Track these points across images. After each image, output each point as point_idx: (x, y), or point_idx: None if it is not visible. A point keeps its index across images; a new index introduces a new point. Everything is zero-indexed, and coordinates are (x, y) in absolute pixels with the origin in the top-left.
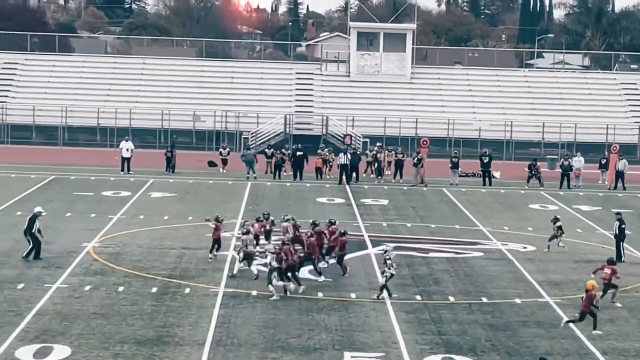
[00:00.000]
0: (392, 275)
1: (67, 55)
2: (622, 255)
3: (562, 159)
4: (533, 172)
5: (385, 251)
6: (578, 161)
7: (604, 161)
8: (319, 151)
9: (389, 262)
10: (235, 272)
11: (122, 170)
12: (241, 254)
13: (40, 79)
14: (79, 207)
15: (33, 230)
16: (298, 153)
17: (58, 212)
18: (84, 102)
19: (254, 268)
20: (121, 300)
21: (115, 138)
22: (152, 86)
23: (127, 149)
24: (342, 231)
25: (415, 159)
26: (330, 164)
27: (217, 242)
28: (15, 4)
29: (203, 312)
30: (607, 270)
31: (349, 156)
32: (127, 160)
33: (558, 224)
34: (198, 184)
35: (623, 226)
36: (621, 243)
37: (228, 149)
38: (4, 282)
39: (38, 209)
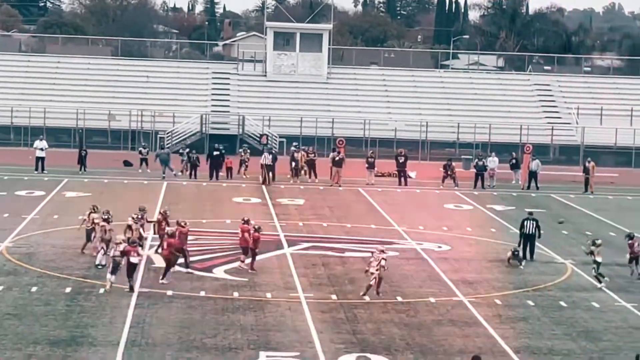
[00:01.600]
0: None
1: None
2: (532, 255)
3: (477, 159)
4: (448, 172)
5: (372, 252)
6: (492, 161)
7: (513, 161)
8: (240, 151)
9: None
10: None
11: (37, 169)
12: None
13: None
14: None
15: None
16: (215, 153)
17: None
18: None
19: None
20: (34, 301)
21: (29, 137)
22: (67, 85)
23: (41, 148)
24: (256, 227)
25: (337, 158)
26: (247, 163)
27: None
28: None
29: (117, 312)
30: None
31: (271, 156)
32: (41, 159)
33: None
34: (113, 183)
35: (539, 224)
36: (535, 242)
37: (148, 149)
38: None
39: None
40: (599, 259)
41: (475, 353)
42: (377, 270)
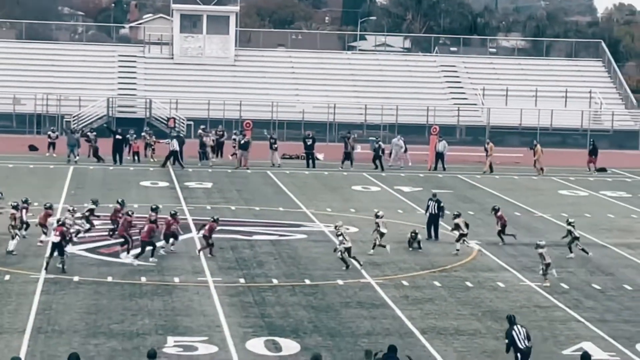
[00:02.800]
0: (348, 248)
1: None
2: (436, 234)
3: (374, 142)
4: (349, 149)
5: (336, 226)
6: (397, 144)
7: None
8: (143, 134)
9: (340, 237)
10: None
11: None
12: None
13: None
14: None
15: None
16: (117, 137)
17: None
18: None
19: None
20: None
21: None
22: None
23: None
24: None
25: (242, 141)
26: (153, 147)
27: (173, 236)
28: None
29: (23, 299)
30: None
31: (178, 141)
32: None
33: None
34: (18, 168)
35: (442, 205)
36: (438, 222)
37: (57, 133)
38: None
39: None
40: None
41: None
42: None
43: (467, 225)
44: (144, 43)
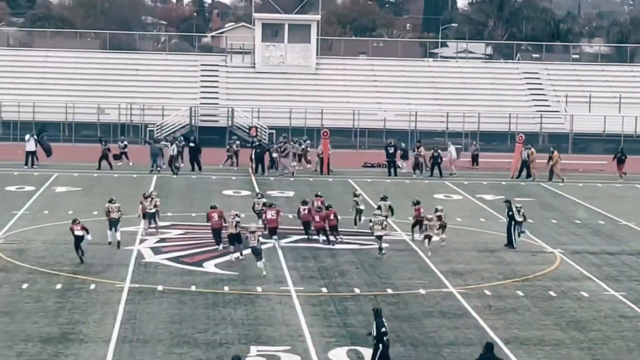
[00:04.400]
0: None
1: None
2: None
3: (432, 151)
4: (438, 161)
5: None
6: (449, 152)
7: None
8: (230, 142)
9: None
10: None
11: (26, 164)
12: None
13: None
14: None
15: None
16: (191, 144)
17: None
18: None
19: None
20: (25, 298)
21: (18, 132)
22: (56, 79)
23: (32, 142)
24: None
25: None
26: (235, 156)
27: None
28: None
29: (108, 309)
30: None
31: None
32: (32, 154)
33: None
34: (103, 177)
35: (510, 213)
36: (511, 229)
37: (125, 142)
38: None
39: None
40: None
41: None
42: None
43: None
44: (226, 52)
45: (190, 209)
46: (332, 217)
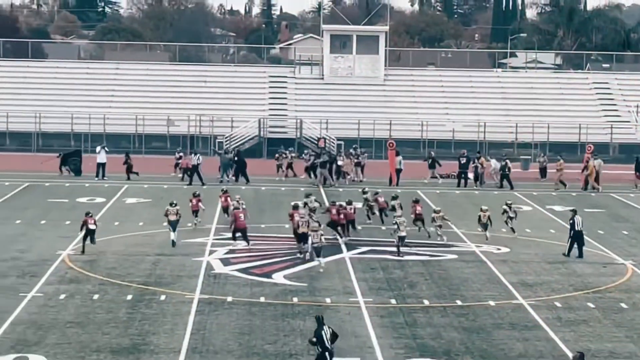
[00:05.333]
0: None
1: (40, 61)
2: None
3: (502, 162)
4: (506, 172)
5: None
6: (492, 163)
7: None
8: (283, 151)
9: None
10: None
11: (97, 176)
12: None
13: (13, 85)
14: (54, 214)
15: None
16: (236, 158)
17: (33, 219)
18: (57, 108)
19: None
20: (96, 309)
21: (89, 144)
22: (126, 91)
23: (103, 153)
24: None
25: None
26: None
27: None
28: None
29: (178, 320)
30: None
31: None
32: (102, 165)
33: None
34: (173, 189)
35: (571, 222)
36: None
37: (181, 154)
38: None
39: None
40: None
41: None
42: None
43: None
44: (294, 63)
45: (260, 220)
46: (334, 212)
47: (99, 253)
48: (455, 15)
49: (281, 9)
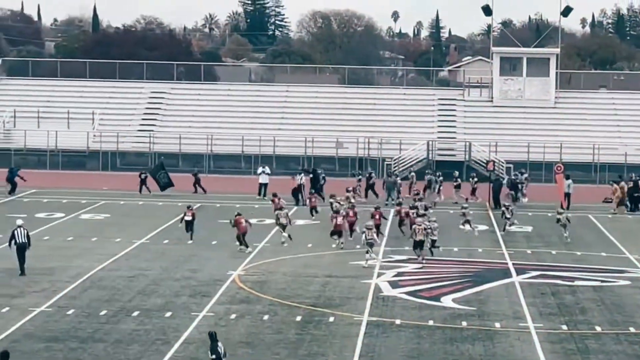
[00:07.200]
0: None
1: (212, 84)
2: None
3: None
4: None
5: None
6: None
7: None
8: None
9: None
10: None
11: (259, 194)
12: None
13: (186, 107)
14: (224, 234)
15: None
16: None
17: (204, 240)
18: (228, 130)
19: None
20: (266, 329)
21: (259, 165)
22: (296, 113)
23: (264, 175)
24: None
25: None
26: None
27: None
28: (162, 34)
29: (347, 341)
30: None
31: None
32: (264, 186)
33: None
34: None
35: None
36: None
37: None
38: (152, 310)
39: (19, 221)
40: None
41: None
42: None
43: None
44: (464, 86)
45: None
46: (377, 217)
47: (268, 274)
48: (628, 37)
49: (450, 32)
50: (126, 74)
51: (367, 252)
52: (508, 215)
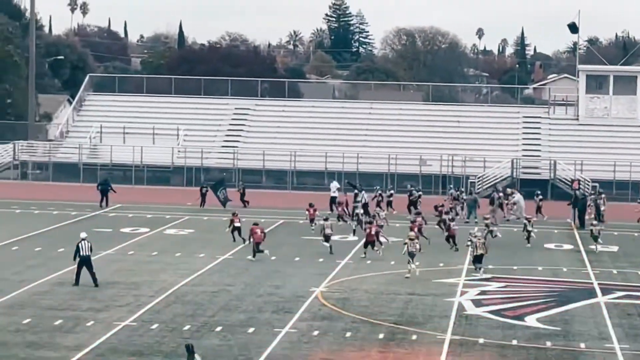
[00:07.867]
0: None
1: (296, 101)
2: None
3: None
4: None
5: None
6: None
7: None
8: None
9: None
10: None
11: (331, 209)
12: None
13: (269, 123)
14: (307, 251)
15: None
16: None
17: (287, 256)
18: (312, 147)
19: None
20: (348, 346)
21: (342, 182)
22: (379, 130)
23: (335, 189)
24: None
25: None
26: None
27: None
28: (247, 51)
29: None
30: None
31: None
32: (333, 199)
33: None
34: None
35: None
36: None
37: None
38: (235, 326)
39: (82, 234)
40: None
41: None
42: None
43: None
44: (549, 104)
45: (512, 262)
46: (415, 229)
47: (351, 291)
48: None
49: (535, 49)
50: (211, 90)
51: (408, 262)
52: (529, 228)
